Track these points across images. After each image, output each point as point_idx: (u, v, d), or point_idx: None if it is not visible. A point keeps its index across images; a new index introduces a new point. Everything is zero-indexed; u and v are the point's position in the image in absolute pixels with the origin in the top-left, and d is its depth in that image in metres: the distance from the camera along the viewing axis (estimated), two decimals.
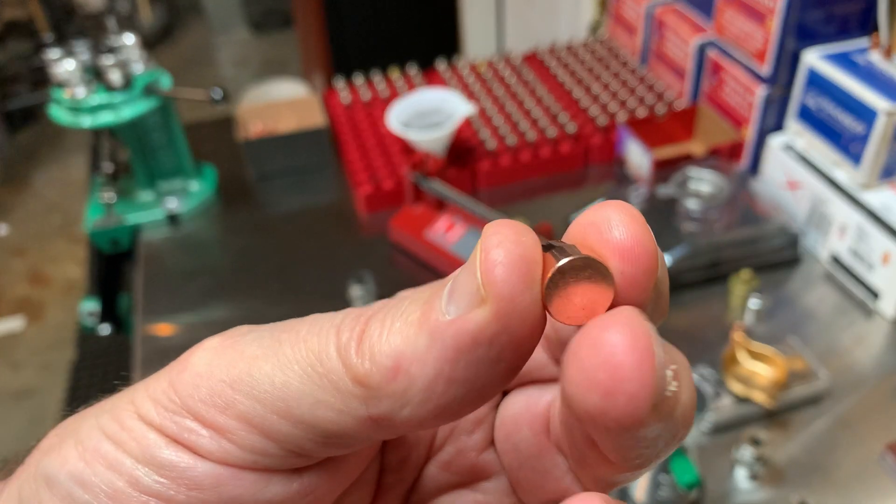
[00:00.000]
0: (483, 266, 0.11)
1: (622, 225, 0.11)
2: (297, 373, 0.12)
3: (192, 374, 0.12)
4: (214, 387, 0.12)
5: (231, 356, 0.12)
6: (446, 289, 0.11)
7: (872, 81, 0.54)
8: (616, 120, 0.72)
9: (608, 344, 0.10)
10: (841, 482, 0.44)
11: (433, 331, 0.11)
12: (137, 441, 0.12)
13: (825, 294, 0.58)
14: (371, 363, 0.11)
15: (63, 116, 0.62)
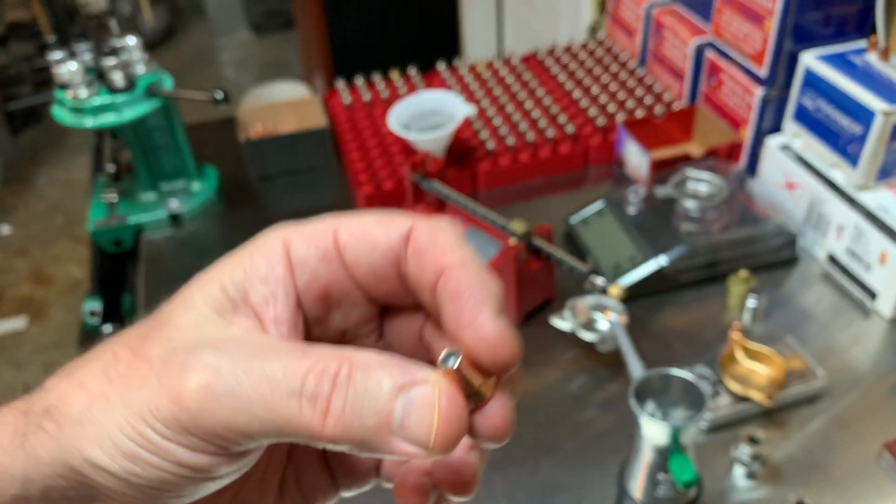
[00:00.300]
0: (439, 433, 0.15)
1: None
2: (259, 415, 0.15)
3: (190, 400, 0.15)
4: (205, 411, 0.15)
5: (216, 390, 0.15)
6: (399, 416, 0.15)
7: (870, 83, 0.55)
8: (615, 121, 0.73)
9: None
10: (838, 481, 0.45)
11: (382, 443, 0.15)
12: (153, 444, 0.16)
13: (823, 294, 0.58)
14: (329, 430, 0.15)
15: (66, 117, 0.63)
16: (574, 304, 0.53)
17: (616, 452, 0.47)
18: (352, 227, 0.18)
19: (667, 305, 0.57)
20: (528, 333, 0.56)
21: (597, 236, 0.61)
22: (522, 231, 0.54)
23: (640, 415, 0.35)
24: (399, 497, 0.18)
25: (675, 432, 0.35)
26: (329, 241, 0.18)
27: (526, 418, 0.49)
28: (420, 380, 0.15)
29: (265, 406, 0.15)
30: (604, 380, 0.52)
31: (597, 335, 0.52)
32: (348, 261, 0.18)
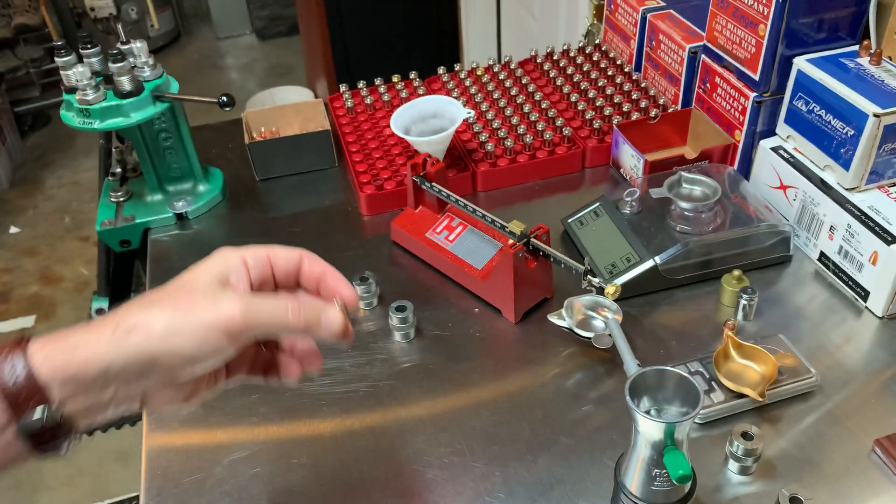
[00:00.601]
0: (340, 326, 0.35)
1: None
2: (272, 323, 0.34)
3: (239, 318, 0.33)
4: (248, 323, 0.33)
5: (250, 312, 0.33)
6: (325, 318, 0.35)
7: (862, 86, 0.56)
8: (611, 124, 0.74)
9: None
10: (831, 476, 0.45)
11: (317, 332, 0.35)
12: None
13: (815, 293, 0.59)
14: (301, 328, 0.34)
15: (73, 120, 0.64)
16: (571, 303, 0.54)
17: (612, 448, 0.48)
18: (274, 251, 0.37)
19: (661, 304, 0.58)
20: (526, 331, 0.57)
21: (593, 237, 0.62)
22: (520, 231, 0.55)
23: (636, 411, 0.36)
24: (289, 364, 0.39)
25: (670, 428, 0.36)
26: (265, 256, 0.36)
27: (523, 414, 0.50)
28: (332, 307, 0.35)
29: (276, 319, 0.34)
30: (600, 376, 0.53)
31: (593, 333, 0.53)
32: (273, 267, 0.37)
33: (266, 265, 0.36)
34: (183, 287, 0.33)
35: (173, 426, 0.51)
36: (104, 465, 1.34)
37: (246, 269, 0.35)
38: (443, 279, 0.62)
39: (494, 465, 0.47)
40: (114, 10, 2.49)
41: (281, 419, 0.51)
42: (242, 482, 0.47)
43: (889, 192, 0.57)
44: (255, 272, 0.35)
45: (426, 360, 0.55)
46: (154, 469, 0.48)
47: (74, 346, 0.31)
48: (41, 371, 0.31)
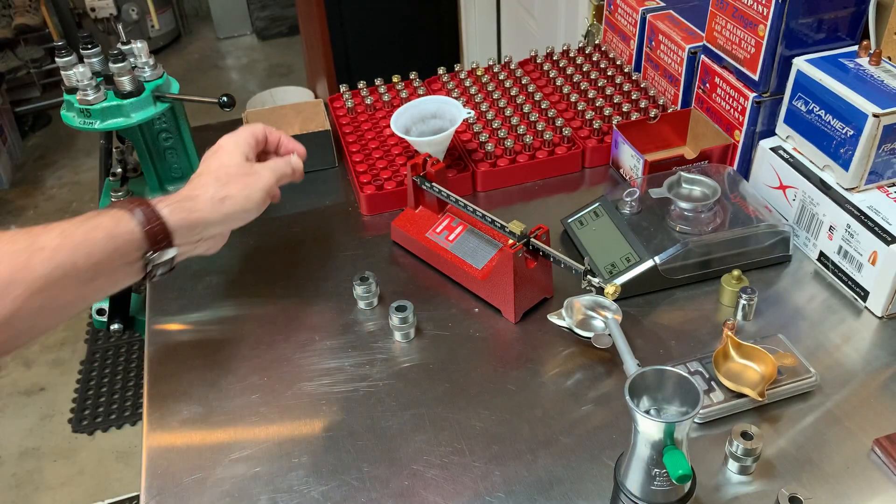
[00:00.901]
0: (301, 167, 0.59)
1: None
2: (287, 179, 0.58)
3: (273, 188, 0.56)
4: (277, 185, 0.57)
5: (280, 179, 0.57)
6: (294, 165, 0.58)
7: (861, 86, 0.56)
8: (611, 124, 0.74)
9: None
10: (830, 476, 0.45)
11: (295, 169, 0.58)
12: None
13: (815, 293, 0.59)
14: (298, 178, 0.59)
15: (74, 120, 0.64)
16: (571, 303, 0.54)
17: (612, 447, 0.48)
18: (254, 134, 0.56)
19: (661, 304, 0.58)
20: (526, 331, 0.57)
21: (593, 236, 0.62)
22: (520, 231, 0.55)
23: (635, 411, 0.36)
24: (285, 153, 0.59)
25: (670, 428, 0.36)
26: (253, 140, 0.56)
27: (523, 414, 0.50)
28: (293, 157, 0.58)
29: (284, 172, 0.56)
30: (600, 376, 0.53)
31: (593, 333, 0.53)
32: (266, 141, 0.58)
33: (261, 141, 0.57)
34: (229, 167, 0.53)
35: (173, 426, 0.51)
36: (104, 464, 1.34)
37: (253, 147, 0.56)
38: (443, 279, 0.62)
39: (494, 465, 0.47)
40: (114, 11, 2.49)
41: (281, 419, 0.51)
42: (242, 482, 0.47)
43: (888, 192, 0.57)
44: (254, 148, 0.56)
45: (426, 360, 0.55)
46: (154, 468, 0.48)
47: (189, 208, 0.49)
48: (169, 221, 0.48)
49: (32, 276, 0.41)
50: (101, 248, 0.44)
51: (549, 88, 0.82)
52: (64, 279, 0.42)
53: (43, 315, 0.43)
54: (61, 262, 0.42)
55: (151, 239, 0.46)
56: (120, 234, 0.45)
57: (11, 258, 0.41)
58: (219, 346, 0.57)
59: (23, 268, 0.41)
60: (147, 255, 0.46)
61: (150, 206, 0.47)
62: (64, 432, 1.40)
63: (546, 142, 0.73)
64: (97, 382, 1.50)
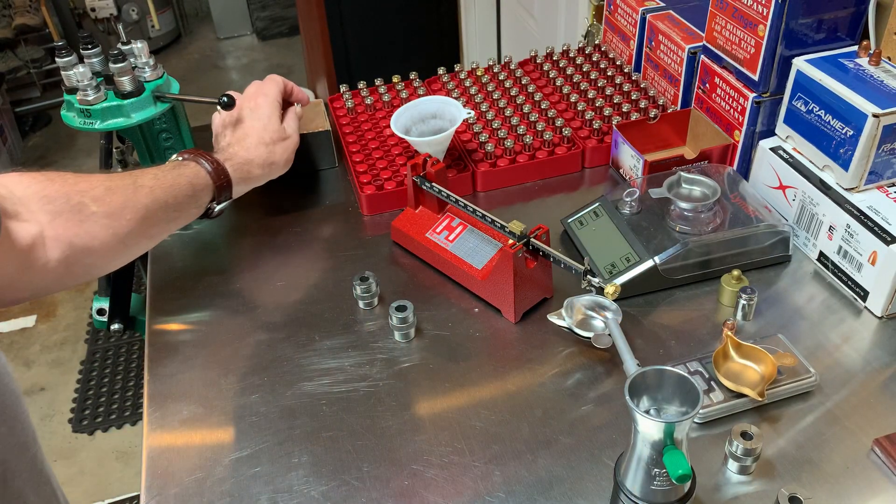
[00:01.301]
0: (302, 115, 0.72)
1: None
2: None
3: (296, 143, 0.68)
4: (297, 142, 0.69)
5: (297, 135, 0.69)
6: (297, 113, 0.70)
7: (861, 86, 0.56)
8: (610, 124, 0.74)
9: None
10: (830, 476, 0.45)
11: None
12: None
13: (814, 293, 0.59)
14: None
15: (74, 120, 0.64)
16: (571, 303, 0.54)
17: (612, 447, 0.48)
18: (280, 87, 0.68)
19: (661, 304, 0.58)
20: (526, 331, 0.57)
21: (593, 236, 0.62)
22: (520, 231, 0.55)
23: (635, 411, 0.36)
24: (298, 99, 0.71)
25: (669, 428, 0.36)
26: (284, 87, 0.69)
27: (523, 413, 0.51)
28: (299, 108, 0.70)
29: (298, 125, 0.69)
30: (599, 376, 0.53)
31: (593, 333, 0.53)
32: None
33: (285, 97, 0.68)
34: (271, 131, 0.64)
35: (174, 426, 0.51)
36: (105, 464, 1.34)
37: (282, 103, 0.67)
38: (443, 279, 0.62)
39: (494, 465, 0.47)
40: (114, 11, 2.49)
41: (281, 419, 0.51)
42: (242, 482, 0.47)
43: (888, 192, 0.57)
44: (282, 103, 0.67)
45: (426, 360, 0.55)
46: (155, 468, 0.49)
47: (247, 170, 0.62)
48: (233, 177, 0.60)
49: (139, 204, 0.53)
50: (185, 192, 0.56)
51: (549, 88, 0.82)
52: (158, 211, 0.54)
53: (143, 239, 0.54)
54: (157, 198, 0.54)
55: (219, 190, 0.59)
56: (199, 183, 0.57)
57: (122, 190, 0.52)
58: (219, 346, 0.57)
59: (132, 197, 0.53)
60: (213, 201, 0.60)
61: (219, 164, 0.59)
62: (64, 432, 1.40)
63: (546, 142, 0.73)
64: (97, 382, 1.50)
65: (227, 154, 0.61)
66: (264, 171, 0.63)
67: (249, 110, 0.64)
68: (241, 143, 0.62)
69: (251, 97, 0.65)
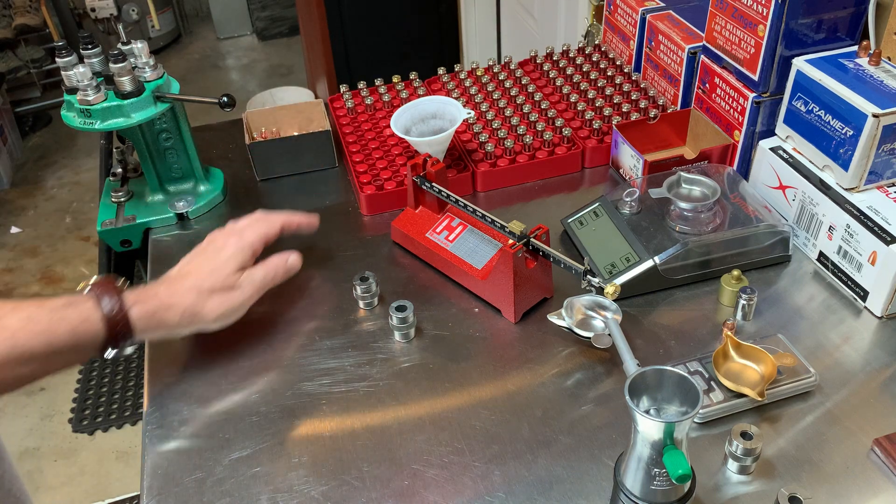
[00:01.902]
0: (298, 265, 0.59)
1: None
2: (268, 287, 0.58)
3: (251, 300, 0.56)
4: (255, 297, 0.57)
5: (257, 291, 0.57)
6: (289, 263, 0.58)
7: (860, 86, 0.56)
8: (610, 124, 0.74)
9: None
10: (830, 475, 0.45)
11: (293, 265, 0.59)
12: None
13: (814, 293, 0.59)
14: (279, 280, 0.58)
15: (74, 120, 0.64)
16: (571, 303, 0.54)
17: (612, 447, 0.48)
18: (269, 231, 0.58)
19: (661, 304, 0.58)
20: (526, 331, 0.57)
21: (593, 237, 0.62)
22: (520, 231, 0.55)
23: (635, 411, 0.36)
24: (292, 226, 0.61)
25: (669, 428, 0.36)
26: (276, 231, 0.59)
27: (523, 413, 0.51)
28: (291, 254, 0.58)
29: (268, 283, 0.56)
30: (599, 376, 0.53)
31: (593, 333, 0.53)
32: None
33: (268, 242, 0.58)
34: (216, 278, 0.53)
35: (174, 426, 0.51)
36: (105, 464, 1.34)
37: (258, 251, 0.57)
38: (443, 279, 0.62)
39: (494, 465, 0.47)
40: (115, 11, 2.49)
41: (281, 419, 0.51)
42: (242, 482, 0.47)
43: (888, 192, 0.57)
44: (259, 250, 0.57)
45: (426, 360, 0.55)
46: (154, 468, 0.49)
47: (160, 318, 0.50)
48: (136, 326, 0.49)
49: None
50: (61, 340, 0.46)
51: (549, 89, 0.82)
52: (17, 360, 0.44)
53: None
54: (18, 345, 0.44)
55: (113, 340, 0.48)
56: (84, 331, 0.46)
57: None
58: (219, 346, 0.57)
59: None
60: (106, 350, 0.48)
61: (121, 310, 0.47)
62: (64, 432, 1.40)
63: (546, 142, 0.73)
64: (97, 382, 1.50)
65: (145, 295, 0.50)
66: (184, 321, 0.51)
67: (214, 247, 0.55)
68: (172, 283, 0.52)
69: (227, 233, 0.56)
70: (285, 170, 0.76)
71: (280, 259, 0.56)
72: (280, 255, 0.57)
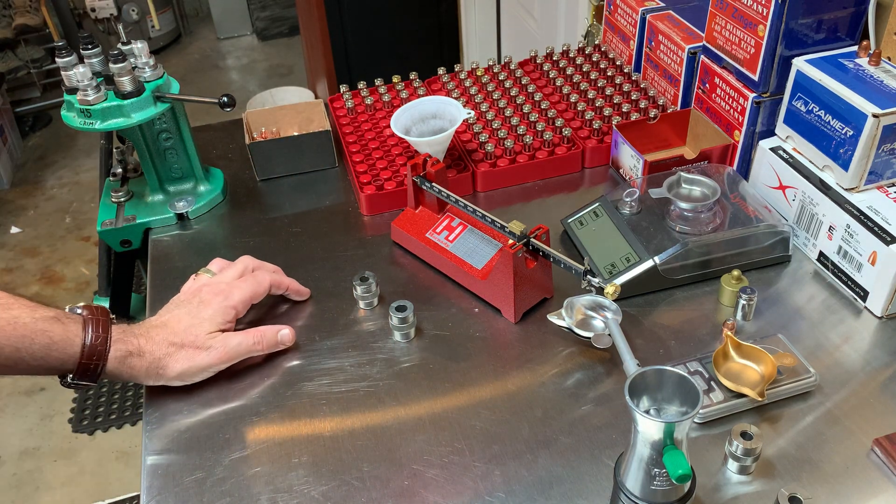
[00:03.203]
0: (291, 340, 0.56)
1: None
2: (248, 353, 0.55)
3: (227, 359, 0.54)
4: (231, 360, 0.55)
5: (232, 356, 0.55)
6: (280, 336, 0.56)
7: (860, 86, 0.56)
8: (610, 124, 0.74)
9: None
10: (830, 475, 0.45)
11: (276, 341, 0.56)
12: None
13: (814, 293, 0.59)
14: (261, 351, 0.56)
15: (74, 120, 0.64)
16: (571, 303, 0.54)
17: (612, 447, 0.48)
18: (257, 292, 0.57)
19: (661, 304, 0.58)
20: (526, 331, 0.57)
21: (593, 237, 0.62)
22: (520, 232, 0.55)
23: (635, 411, 0.36)
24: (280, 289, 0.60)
25: (669, 428, 0.36)
26: (263, 292, 0.57)
27: (523, 413, 0.51)
28: (283, 328, 0.55)
29: (247, 349, 0.54)
30: (599, 376, 0.53)
31: (593, 333, 0.53)
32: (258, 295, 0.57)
33: (254, 300, 0.56)
34: (189, 334, 0.51)
35: (174, 426, 0.51)
36: (105, 464, 1.34)
37: (241, 312, 0.55)
38: (443, 279, 0.62)
39: (494, 465, 0.47)
40: (115, 11, 2.49)
41: (281, 419, 0.51)
42: (242, 482, 0.47)
43: (888, 193, 0.57)
44: (243, 311, 0.56)
45: (426, 360, 0.55)
46: (154, 468, 0.49)
47: (130, 365, 0.50)
48: (108, 366, 0.49)
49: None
50: (35, 350, 0.46)
51: (549, 89, 0.82)
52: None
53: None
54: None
55: (82, 370, 0.48)
56: (60, 350, 0.47)
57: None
58: None
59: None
60: (67, 376, 0.49)
61: (103, 343, 0.48)
62: (64, 432, 1.40)
63: (546, 142, 0.73)
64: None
65: (126, 337, 0.49)
66: (150, 372, 0.50)
67: (198, 300, 0.53)
68: (149, 331, 0.51)
69: (213, 289, 0.54)
70: (285, 170, 0.76)
71: (270, 331, 0.53)
72: (272, 327, 0.54)
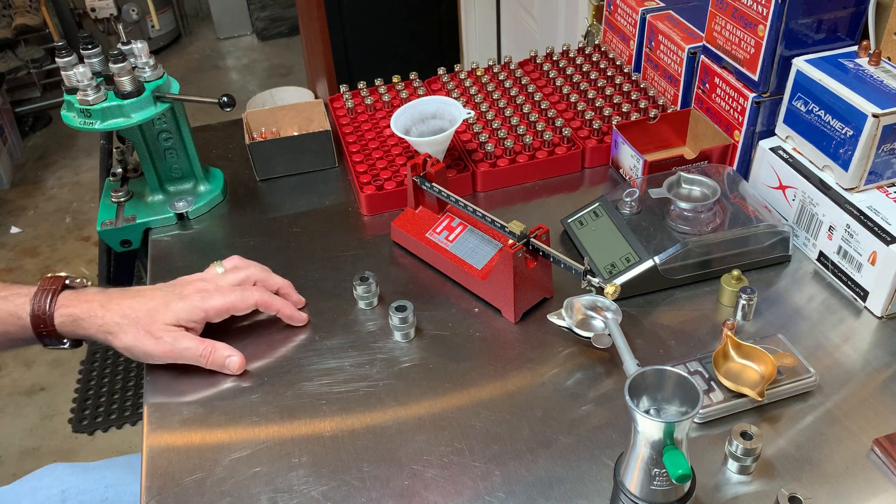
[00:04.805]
0: (238, 369, 0.55)
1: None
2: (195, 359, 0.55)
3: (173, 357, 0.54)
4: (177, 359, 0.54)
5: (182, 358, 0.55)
6: (228, 363, 0.54)
7: (860, 86, 0.56)
8: (610, 124, 0.74)
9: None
10: (830, 476, 0.45)
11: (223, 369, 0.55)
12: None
13: (814, 293, 0.59)
14: (209, 365, 0.55)
15: (74, 120, 0.64)
16: (571, 303, 0.54)
17: (612, 447, 0.48)
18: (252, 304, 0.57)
19: (661, 304, 0.58)
20: (525, 331, 0.57)
21: (593, 237, 0.62)
22: (520, 232, 0.55)
23: (635, 411, 0.36)
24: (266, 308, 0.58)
25: (669, 428, 0.36)
26: (247, 306, 0.56)
27: (523, 413, 0.51)
28: (236, 356, 0.55)
29: (193, 359, 0.53)
30: (599, 376, 0.53)
31: (593, 333, 0.53)
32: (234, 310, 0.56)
33: (233, 313, 0.56)
34: (154, 322, 0.52)
35: (174, 426, 0.51)
36: None
37: (210, 318, 0.54)
38: (443, 279, 0.62)
39: (494, 465, 0.47)
40: (115, 11, 2.49)
41: (281, 419, 0.51)
42: (242, 482, 0.47)
43: (888, 193, 0.57)
44: (216, 318, 0.55)
45: (426, 360, 0.55)
46: (154, 468, 0.49)
47: (78, 317, 0.52)
48: (60, 328, 0.52)
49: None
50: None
51: (549, 89, 0.82)
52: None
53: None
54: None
55: (39, 336, 0.52)
56: (12, 323, 0.52)
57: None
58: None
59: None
60: (40, 343, 0.53)
61: (47, 310, 0.51)
62: (64, 432, 1.40)
63: (546, 142, 0.73)
64: (97, 382, 1.50)
65: (79, 300, 0.52)
66: (98, 334, 0.51)
67: (178, 289, 0.53)
68: (114, 298, 0.52)
69: (198, 285, 0.54)
70: (285, 170, 0.76)
71: (220, 351, 0.53)
72: (224, 348, 0.53)
